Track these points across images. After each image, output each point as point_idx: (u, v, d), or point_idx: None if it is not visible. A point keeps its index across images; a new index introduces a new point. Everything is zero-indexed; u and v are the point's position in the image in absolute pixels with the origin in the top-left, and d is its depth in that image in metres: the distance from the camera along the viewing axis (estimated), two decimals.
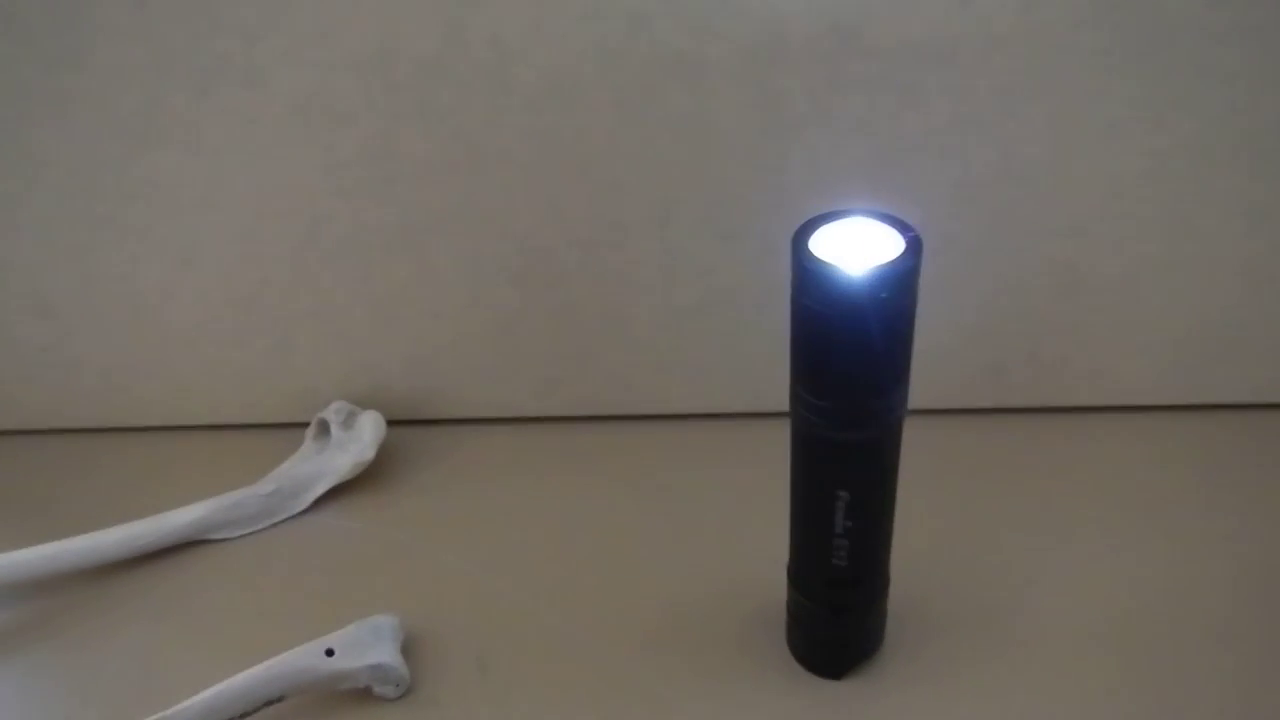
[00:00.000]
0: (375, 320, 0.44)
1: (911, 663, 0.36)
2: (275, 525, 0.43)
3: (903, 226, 0.28)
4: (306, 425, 0.45)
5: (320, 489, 0.43)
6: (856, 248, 0.28)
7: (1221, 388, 0.45)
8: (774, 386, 0.45)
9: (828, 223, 0.28)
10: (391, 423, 0.45)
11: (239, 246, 0.43)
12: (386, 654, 0.35)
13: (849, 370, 0.29)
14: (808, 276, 0.27)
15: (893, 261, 0.27)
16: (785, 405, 0.46)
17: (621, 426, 0.46)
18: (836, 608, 0.34)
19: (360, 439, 0.44)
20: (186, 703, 0.33)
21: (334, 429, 0.44)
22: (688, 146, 0.40)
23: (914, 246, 0.28)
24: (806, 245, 0.28)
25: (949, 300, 0.39)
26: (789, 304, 0.29)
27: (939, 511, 0.41)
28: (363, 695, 0.36)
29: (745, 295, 0.43)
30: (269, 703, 0.34)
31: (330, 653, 0.35)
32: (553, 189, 0.41)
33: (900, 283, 0.27)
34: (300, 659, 0.34)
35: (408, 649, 0.37)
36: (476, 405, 0.47)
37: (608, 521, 0.42)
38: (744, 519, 0.42)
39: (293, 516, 0.43)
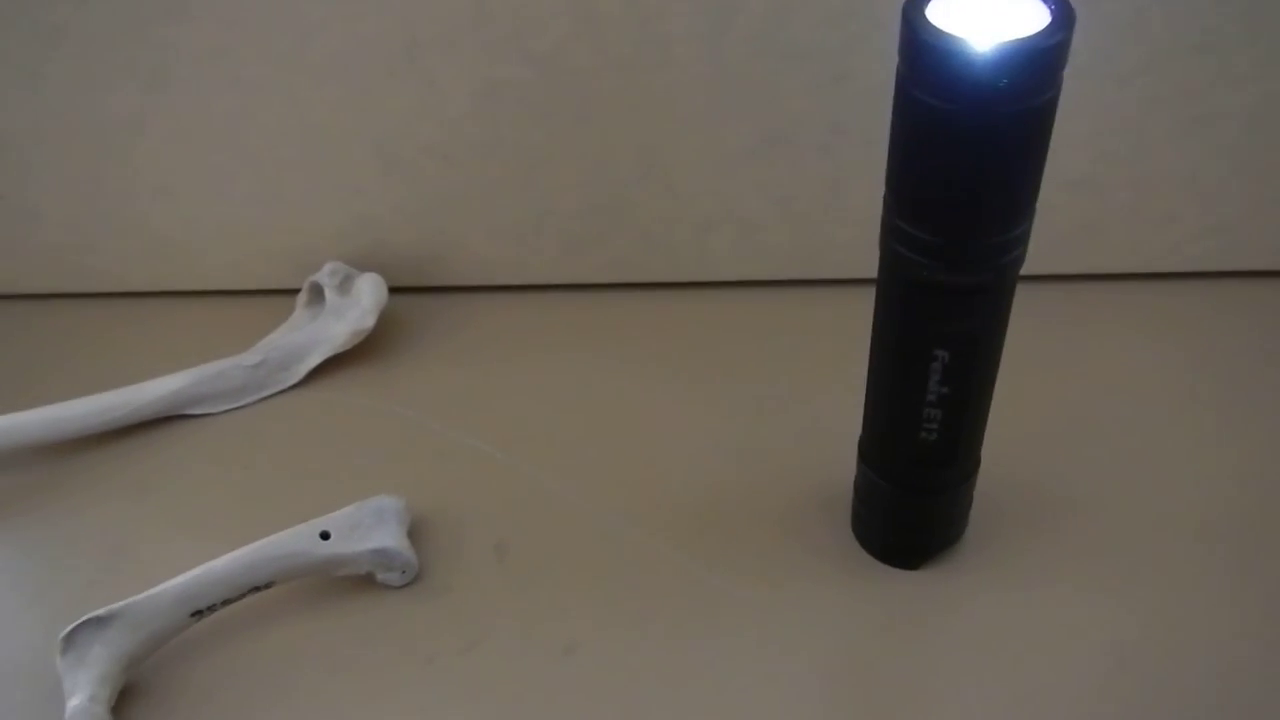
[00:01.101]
0: (374, 162, 0.39)
1: (995, 554, 0.32)
2: (263, 400, 0.38)
3: None
4: (298, 290, 0.40)
5: (314, 360, 0.39)
6: (986, 22, 0.22)
7: None
8: (839, 249, 0.40)
9: None
10: (394, 289, 0.40)
11: (214, 66, 0.36)
12: (391, 537, 0.30)
13: (972, 189, 0.23)
14: (924, 56, 0.22)
15: (1037, 36, 0.21)
16: (852, 271, 0.40)
17: (660, 295, 0.41)
18: (921, 489, 0.29)
19: (358, 304, 0.39)
20: (159, 587, 0.29)
21: (329, 293, 0.39)
22: None
23: (1062, 18, 0.21)
24: (923, 13, 0.22)
25: None
26: (893, 102, 0.23)
27: (1027, 385, 0.35)
28: (364, 583, 0.31)
29: (809, 133, 0.37)
30: (255, 589, 0.30)
31: (326, 535, 0.30)
32: None
33: (1044, 67, 0.21)
34: (291, 541, 0.30)
35: (415, 533, 0.32)
36: (492, 268, 0.41)
37: (642, 399, 0.37)
38: (800, 394, 0.37)
39: (283, 390, 0.39)
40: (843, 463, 0.31)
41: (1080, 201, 0.38)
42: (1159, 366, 0.37)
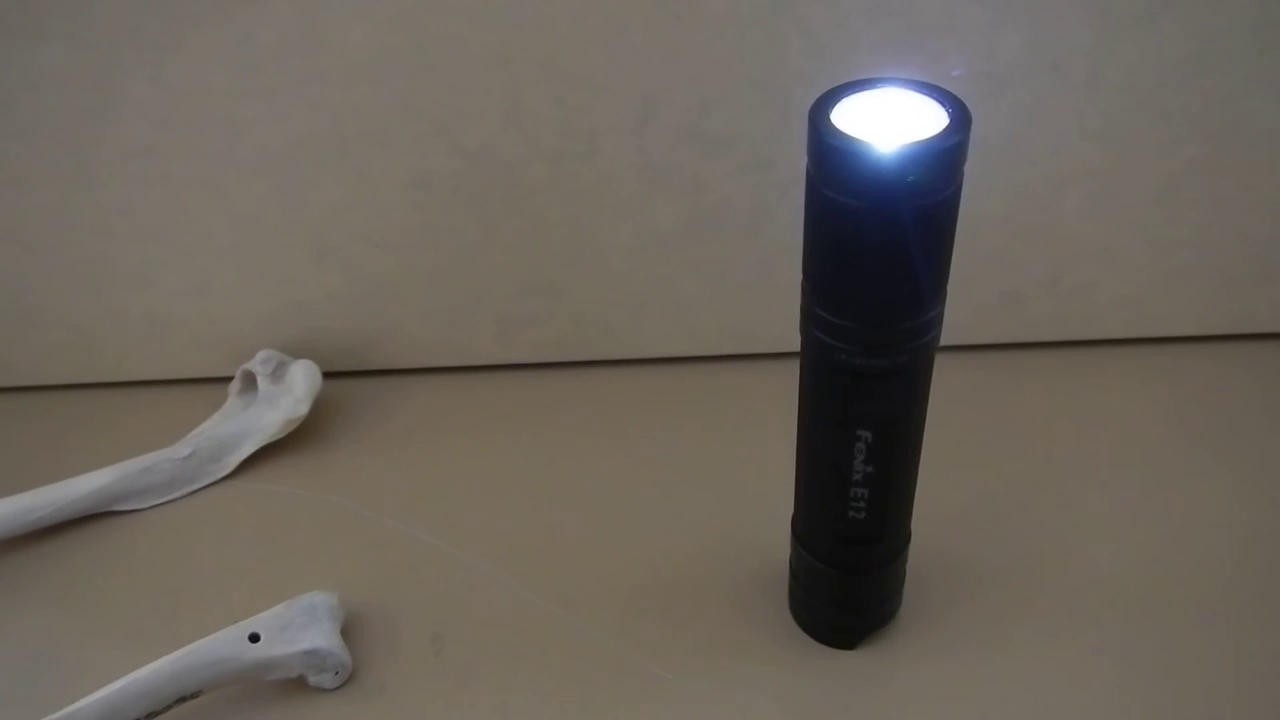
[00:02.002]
0: (306, 251, 0.39)
1: (931, 630, 0.32)
2: (194, 493, 0.37)
3: (945, 98, 0.23)
4: (229, 379, 0.40)
5: (246, 450, 0.38)
6: (888, 124, 0.23)
7: (1268, 316, 0.40)
8: (769, 324, 0.41)
9: (852, 93, 0.23)
10: (328, 374, 0.40)
11: (140, 165, 0.36)
12: (323, 636, 0.30)
13: (880, 278, 0.24)
14: (831, 157, 0.22)
15: (936, 137, 0.22)
16: (782, 346, 0.41)
17: (595, 373, 0.41)
18: (851, 568, 0.30)
19: (291, 392, 0.39)
20: (79, 704, 0.28)
21: (261, 382, 0.39)
22: (668, 34, 0.34)
23: (959, 121, 0.22)
24: (828, 118, 0.23)
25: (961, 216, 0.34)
26: (804, 198, 0.24)
27: (955, 459, 0.36)
28: (296, 686, 0.30)
29: (736, 216, 0.38)
30: (182, 699, 0.29)
31: (255, 638, 0.29)
32: (512, 88, 0.35)
33: (945, 165, 0.22)
34: (218, 647, 0.29)
35: (349, 629, 0.32)
36: (427, 351, 0.41)
37: (580, 481, 0.37)
38: (736, 473, 0.37)
39: (214, 483, 0.38)
40: (780, 541, 0.32)
41: (999, 274, 0.39)
42: (1082, 434, 0.38)
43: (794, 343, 0.27)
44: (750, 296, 0.40)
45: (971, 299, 0.40)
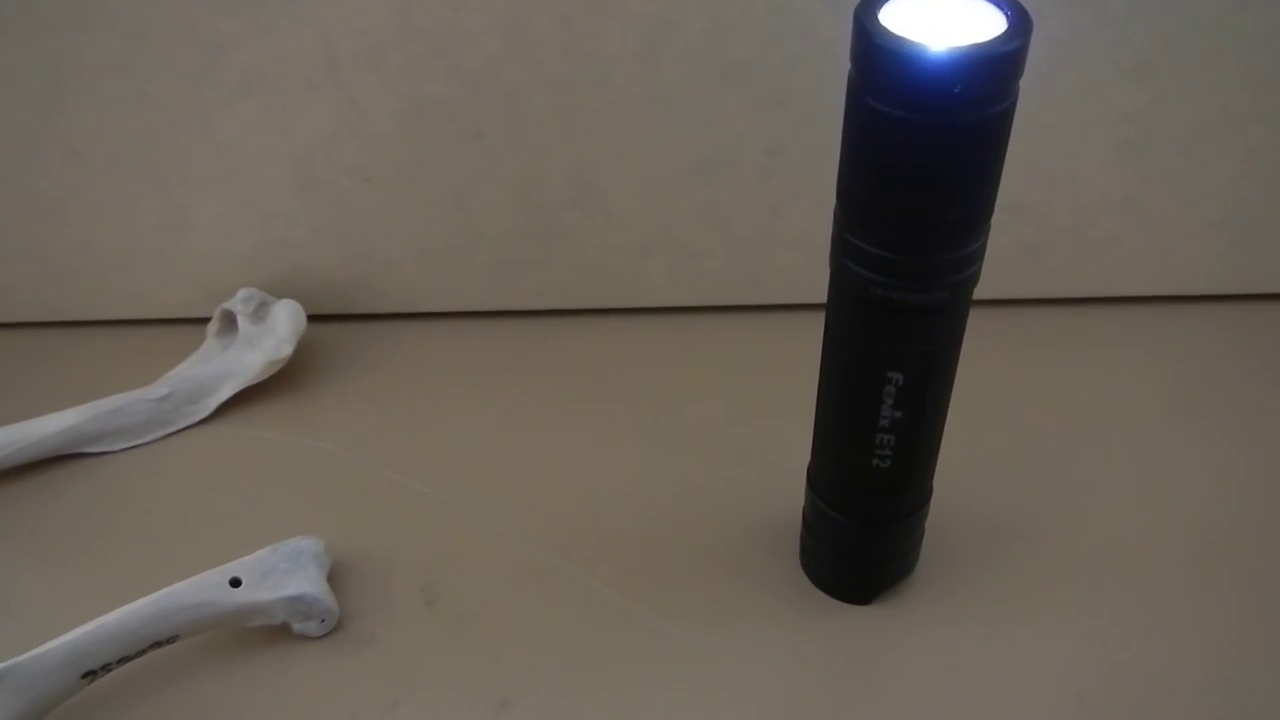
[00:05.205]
0: (291, 183, 0.36)
1: (947, 588, 0.31)
2: (169, 436, 0.35)
3: (1003, 1, 0.21)
4: (208, 319, 0.38)
5: (225, 393, 0.36)
6: (940, 28, 0.21)
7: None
8: (780, 273, 0.39)
9: None
10: (313, 317, 0.38)
11: (111, 83, 0.34)
12: (308, 583, 0.28)
13: (926, 201, 0.22)
14: (878, 61, 0.21)
15: (994, 41, 0.20)
16: (793, 297, 0.39)
17: (595, 322, 0.39)
18: (873, 519, 0.28)
19: (274, 333, 0.36)
20: (46, 646, 0.26)
21: (241, 322, 0.37)
22: None
23: (1019, 26, 0.21)
24: (876, 17, 0.21)
25: None
26: (845, 109, 0.22)
27: (971, 414, 0.35)
28: (279, 634, 0.29)
29: (749, 156, 0.36)
30: (157, 644, 0.27)
31: (236, 582, 0.28)
32: (515, 6, 0.33)
33: (1003, 73, 0.21)
34: (196, 591, 0.27)
35: (336, 578, 0.30)
36: (419, 295, 0.39)
37: (578, 430, 0.35)
38: (743, 426, 0.35)
39: (191, 426, 0.36)
40: (790, 493, 0.30)
41: (1021, 226, 0.38)
42: (1105, 391, 0.37)
43: (805, 293, 0.26)
44: (761, 244, 0.38)
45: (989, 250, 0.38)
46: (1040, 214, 0.38)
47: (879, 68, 0.21)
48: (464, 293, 0.39)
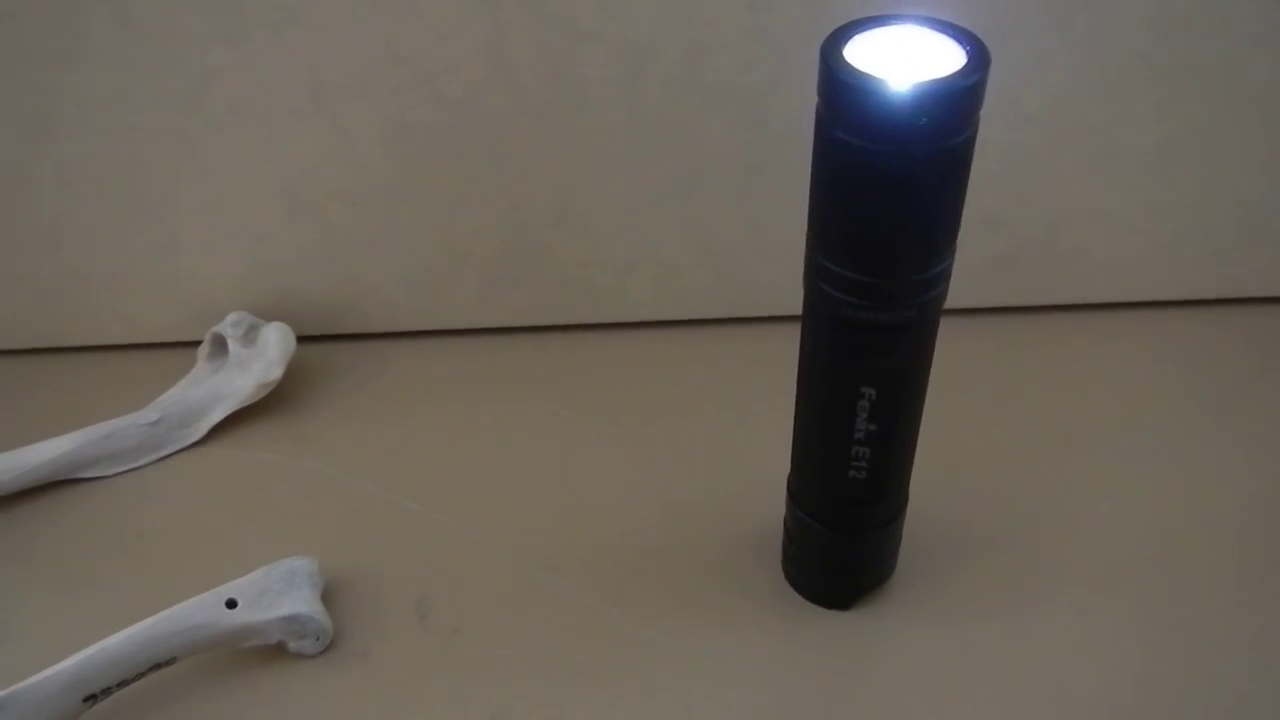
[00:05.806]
0: (279, 207, 0.37)
1: (925, 592, 0.31)
2: (163, 459, 0.36)
3: (962, 36, 0.22)
4: (198, 343, 0.38)
5: (216, 416, 0.37)
6: (903, 63, 0.22)
7: (1259, 281, 0.40)
8: (761, 287, 0.40)
9: (866, 29, 0.22)
10: (302, 338, 0.38)
11: (103, 113, 0.34)
12: (303, 602, 0.29)
13: (891, 227, 0.23)
14: (843, 95, 0.21)
15: (954, 76, 0.21)
16: (773, 309, 0.40)
17: (580, 338, 0.40)
18: (851, 528, 0.29)
19: (264, 355, 0.37)
20: (48, 671, 0.27)
21: (232, 345, 0.37)
22: None
23: (978, 60, 0.22)
24: (841, 54, 0.22)
25: None
26: (813, 141, 0.23)
27: (948, 423, 0.36)
28: (275, 653, 0.29)
29: (728, 175, 0.37)
30: (155, 667, 0.27)
31: (232, 604, 0.28)
32: (496, 35, 0.34)
33: (963, 106, 0.22)
34: (193, 612, 0.28)
35: (329, 597, 0.31)
36: (406, 314, 0.40)
37: (565, 445, 0.36)
38: (725, 437, 0.36)
39: (184, 449, 0.36)
40: (772, 504, 0.31)
41: (993, 238, 0.39)
42: (1077, 399, 0.38)
43: (785, 306, 0.27)
44: (742, 258, 0.39)
45: (963, 261, 0.39)
46: (1013, 226, 0.39)
47: (845, 102, 0.21)
48: (451, 311, 0.40)
